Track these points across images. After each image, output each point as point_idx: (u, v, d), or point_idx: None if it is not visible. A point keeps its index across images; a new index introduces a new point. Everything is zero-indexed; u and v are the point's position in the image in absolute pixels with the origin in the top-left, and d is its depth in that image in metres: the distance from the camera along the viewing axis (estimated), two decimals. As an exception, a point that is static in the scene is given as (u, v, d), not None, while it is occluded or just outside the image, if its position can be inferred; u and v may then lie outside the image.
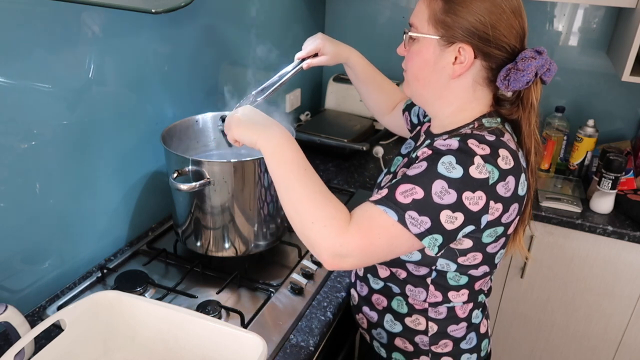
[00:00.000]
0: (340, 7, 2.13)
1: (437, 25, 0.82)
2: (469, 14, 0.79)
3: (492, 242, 0.86)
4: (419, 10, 0.85)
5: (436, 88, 0.87)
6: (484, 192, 0.77)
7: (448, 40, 0.82)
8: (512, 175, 0.79)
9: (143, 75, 1.24)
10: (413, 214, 0.76)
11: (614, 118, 1.88)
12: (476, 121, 0.86)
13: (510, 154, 0.80)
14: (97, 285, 1.16)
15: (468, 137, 0.80)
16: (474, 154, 0.77)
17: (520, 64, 0.81)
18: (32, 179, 1.02)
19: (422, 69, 0.86)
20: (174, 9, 0.88)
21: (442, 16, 0.81)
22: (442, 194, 0.76)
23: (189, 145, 1.29)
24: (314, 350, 1.01)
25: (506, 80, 0.82)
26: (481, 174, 0.76)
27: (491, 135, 0.81)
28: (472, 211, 0.77)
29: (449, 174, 0.76)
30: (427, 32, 0.83)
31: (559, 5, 1.82)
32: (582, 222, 1.56)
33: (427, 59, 0.85)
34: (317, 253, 0.80)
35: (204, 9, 1.39)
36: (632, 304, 1.63)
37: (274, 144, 0.82)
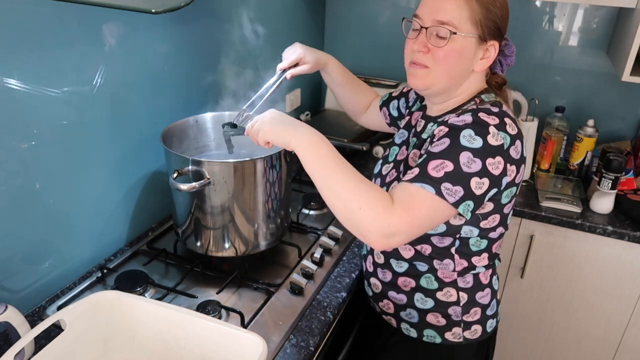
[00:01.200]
0: (340, 7, 2.12)
1: (477, 25, 0.89)
2: (498, 13, 0.90)
3: (508, 203, 0.95)
4: (455, 9, 0.88)
5: (461, 80, 0.95)
6: (502, 157, 0.86)
7: (484, 39, 0.91)
8: (518, 139, 0.89)
9: (143, 75, 1.24)
10: (448, 185, 0.83)
11: (614, 118, 1.88)
12: (477, 97, 0.96)
13: (512, 121, 0.90)
14: (97, 285, 1.16)
15: (477, 111, 0.90)
16: (488, 124, 0.86)
17: (507, 50, 0.97)
18: (32, 179, 1.02)
19: (458, 65, 0.92)
20: (174, 9, 0.88)
21: (482, 17, 0.88)
22: (470, 164, 0.83)
23: (189, 145, 1.29)
24: (314, 350, 1.01)
25: (501, 66, 0.99)
26: (497, 141, 0.85)
27: (494, 107, 0.91)
28: (494, 175, 0.85)
29: (471, 145, 0.84)
30: (469, 31, 0.89)
31: (559, 5, 1.82)
32: (582, 222, 1.56)
33: (465, 55, 0.91)
34: (366, 236, 0.83)
35: (204, 9, 1.39)
36: (632, 304, 1.63)
37: (307, 142, 0.86)
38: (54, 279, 1.11)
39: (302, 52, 1.17)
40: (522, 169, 0.92)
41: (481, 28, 0.89)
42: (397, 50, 2.24)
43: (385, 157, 1.14)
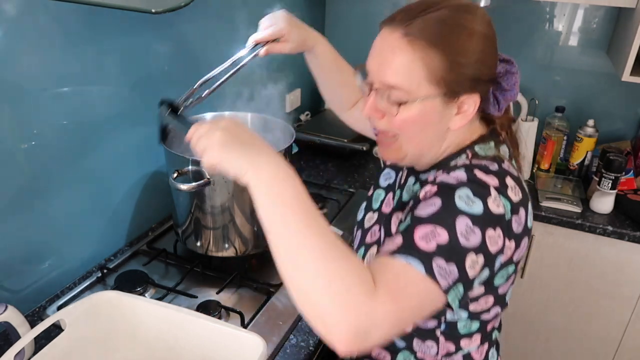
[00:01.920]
0: (340, 7, 2.12)
1: (440, 83, 0.69)
2: (471, 63, 0.70)
3: (504, 283, 0.78)
4: (405, 69, 0.69)
5: (434, 143, 0.77)
6: (502, 229, 0.68)
7: (453, 95, 0.71)
8: (522, 207, 0.72)
9: (143, 75, 1.24)
10: (441, 263, 0.62)
11: (614, 118, 1.88)
12: (468, 150, 0.77)
13: (516, 182, 0.73)
14: (97, 285, 1.16)
15: (471, 167, 0.72)
16: (487, 184, 0.69)
17: (505, 83, 0.75)
18: (32, 179, 1.02)
19: (423, 131, 0.74)
20: (174, 9, 0.88)
21: (443, 72, 0.69)
22: (468, 234, 0.64)
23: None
24: (314, 350, 1.01)
25: (496, 104, 0.76)
26: (499, 208, 0.68)
27: (493, 163, 0.73)
28: (491, 252, 0.67)
29: (470, 209, 0.66)
30: (428, 93, 0.70)
31: (559, 5, 1.82)
32: (582, 222, 1.56)
33: (429, 121, 0.73)
34: (331, 332, 0.57)
35: (204, 9, 1.39)
36: (632, 304, 1.63)
37: (268, 178, 0.61)
38: (54, 279, 1.11)
39: (287, 27, 0.95)
40: (523, 243, 0.74)
41: (445, 86, 0.69)
42: (397, 50, 2.23)
43: (370, 201, 0.96)
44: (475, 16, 0.71)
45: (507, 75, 0.75)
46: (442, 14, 0.69)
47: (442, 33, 0.69)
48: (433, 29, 0.69)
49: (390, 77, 0.70)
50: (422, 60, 0.68)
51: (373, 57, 0.74)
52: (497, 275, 0.74)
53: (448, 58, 0.68)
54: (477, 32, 0.70)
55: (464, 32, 0.69)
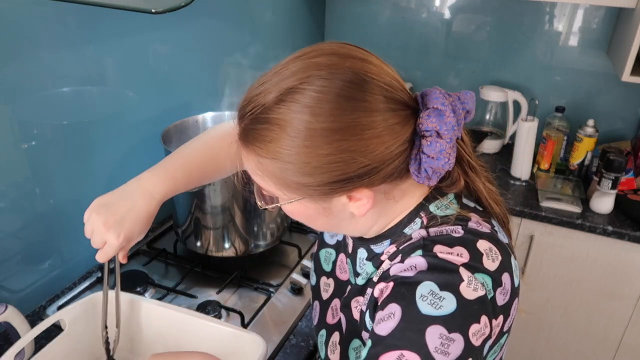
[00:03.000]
0: (340, 7, 2.12)
1: (295, 189, 0.56)
2: (322, 165, 0.53)
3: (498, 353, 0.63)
4: (253, 173, 0.59)
5: (343, 225, 0.63)
6: (486, 315, 0.53)
7: (323, 196, 0.56)
8: (505, 272, 0.58)
9: (143, 75, 1.24)
10: None
11: (614, 118, 1.88)
12: (422, 212, 0.62)
13: (490, 241, 0.58)
14: (97, 285, 1.16)
15: (429, 244, 0.57)
16: (455, 266, 0.54)
17: (427, 148, 0.55)
18: (32, 179, 1.02)
19: (314, 221, 0.62)
20: (174, 9, 0.89)
21: (290, 180, 0.55)
22: (447, 347, 0.50)
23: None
24: (313, 350, 1.01)
25: (423, 172, 0.57)
26: (477, 291, 0.53)
27: (456, 227, 0.59)
28: (480, 347, 0.53)
29: (439, 311, 0.51)
30: (289, 197, 0.58)
31: (559, 5, 1.82)
32: (582, 222, 1.56)
33: (312, 215, 0.60)
34: None
35: (204, 9, 1.39)
36: (632, 304, 1.63)
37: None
38: (54, 279, 1.11)
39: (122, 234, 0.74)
40: (514, 307, 0.59)
41: (305, 190, 0.55)
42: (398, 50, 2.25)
43: (318, 263, 0.81)
44: (303, 101, 0.52)
45: (432, 140, 0.55)
46: (266, 104, 0.54)
47: (265, 137, 0.54)
48: (256, 133, 0.54)
49: (252, 177, 0.60)
50: (260, 169, 0.56)
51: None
52: (487, 355, 0.59)
53: (283, 167, 0.54)
54: (301, 129, 0.52)
55: (282, 130, 0.52)
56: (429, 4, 2.00)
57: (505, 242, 0.62)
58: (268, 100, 0.53)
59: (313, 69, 0.53)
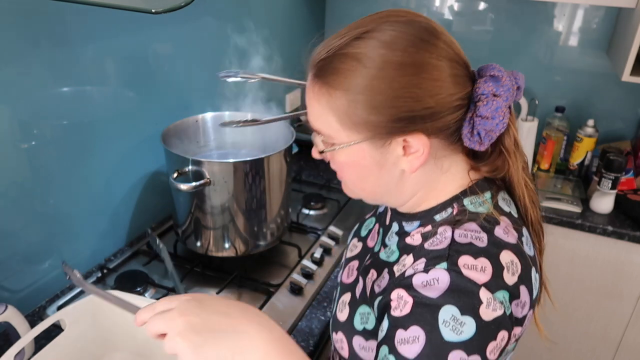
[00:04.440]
0: (340, 7, 2.13)
1: (358, 127, 0.59)
2: (390, 99, 0.56)
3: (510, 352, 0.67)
4: (318, 113, 0.61)
5: (390, 188, 0.66)
6: (505, 330, 0.56)
7: (383, 139, 0.60)
8: (523, 285, 0.59)
9: (143, 75, 1.24)
10: None
11: (614, 118, 1.88)
12: (456, 204, 0.65)
13: (513, 251, 0.60)
14: (97, 286, 1.16)
15: (455, 252, 0.58)
16: (476, 286, 0.55)
17: (483, 109, 0.59)
18: (32, 179, 1.02)
19: (365, 177, 0.65)
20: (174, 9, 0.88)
21: (356, 116, 0.58)
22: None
23: (189, 145, 1.29)
24: (314, 350, 1.01)
25: (476, 135, 0.60)
26: (496, 312, 0.55)
27: (483, 231, 0.60)
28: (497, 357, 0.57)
29: (460, 337, 0.54)
30: (349, 140, 0.60)
31: (559, 5, 1.82)
32: (582, 222, 1.56)
33: (365, 166, 0.63)
34: None
35: (204, 9, 1.39)
36: (632, 304, 1.63)
37: (259, 355, 0.51)
38: (54, 279, 1.11)
39: None
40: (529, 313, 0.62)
41: (366, 130, 0.59)
42: (397, 50, 2.22)
43: (361, 225, 0.87)
44: (382, 38, 0.57)
45: (489, 100, 0.59)
46: (342, 44, 0.58)
47: (338, 70, 0.58)
48: (330, 68, 0.58)
49: (313, 122, 0.64)
50: (328, 105, 0.59)
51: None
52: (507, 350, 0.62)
53: (348, 99, 0.58)
54: (378, 62, 0.56)
55: (360, 64, 0.57)
56: (429, 4, 2.00)
57: (530, 254, 0.63)
58: (345, 39, 0.58)
59: (392, 16, 0.59)
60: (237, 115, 1.09)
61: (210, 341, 0.50)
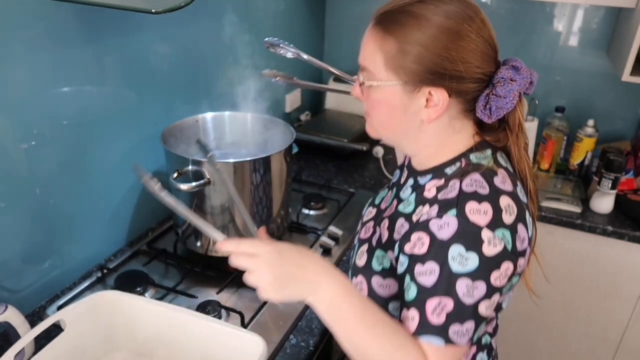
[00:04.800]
0: (340, 7, 2.12)
1: (398, 71, 0.71)
2: (432, 54, 0.69)
3: (507, 292, 0.79)
4: (369, 53, 0.74)
5: (409, 133, 0.78)
6: (508, 261, 0.69)
7: (415, 85, 0.72)
8: (520, 223, 0.72)
9: (143, 75, 1.24)
10: (456, 328, 0.68)
11: (614, 118, 1.88)
12: (463, 158, 0.77)
13: (510, 197, 0.72)
14: (97, 285, 1.16)
15: (463, 199, 0.70)
16: (478, 228, 0.68)
17: (500, 89, 0.71)
18: (32, 179, 1.02)
19: (390, 117, 0.76)
20: (174, 9, 0.88)
21: (402, 61, 0.70)
22: (471, 291, 0.68)
23: (189, 145, 1.29)
24: (314, 350, 1.01)
25: (487, 109, 0.73)
26: (496, 247, 0.68)
27: (484, 180, 0.72)
28: (502, 286, 0.70)
29: (465, 268, 0.67)
30: (387, 79, 0.72)
31: (559, 5, 1.82)
32: (582, 222, 1.56)
33: (393, 106, 0.74)
34: None
35: (204, 9, 1.39)
36: (632, 304, 1.63)
37: (327, 305, 0.68)
38: (54, 279, 1.11)
39: None
40: (527, 252, 0.76)
41: (404, 74, 0.71)
42: (397, 50, 2.21)
43: (375, 197, 0.99)
44: (442, 8, 0.70)
45: (507, 83, 0.71)
46: (407, 3, 0.71)
47: (400, 22, 0.71)
48: (392, 18, 0.71)
49: (362, 59, 0.76)
50: (380, 47, 0.72)
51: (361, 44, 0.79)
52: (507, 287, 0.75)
53: (400, 46, 0.70)
54: (435, 24, 0.69)
55: (419, 22, 0.69)
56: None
57: (524, 201, 0.75)
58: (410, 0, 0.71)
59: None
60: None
61: (290, 287, 0.67)
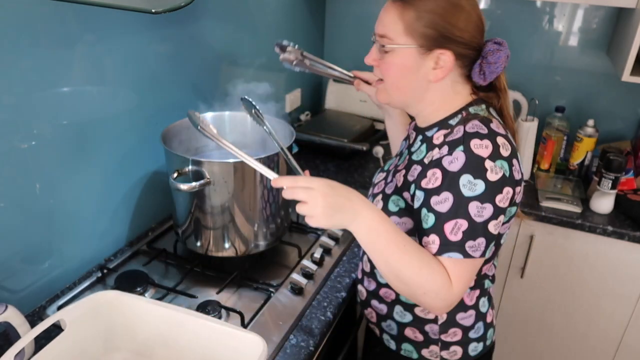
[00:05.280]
0: (340, 7, 2.12)
1: (415, 35, 0.84)
2: (445, 22, 0.83)
3: (505, 223, 0.91)
4: (390, 21, 0.86)
5: (417, 92, 0.91)
6: (508, 186, 0.83)
7: (428, 48, 0.85)
8: (514, 158, 0.86)
9: (143, 75, 1.24)
10: (470, 243, 0.82)
11: (614, 118, 1.87)
12: (463, 111, 0.91)
13: (504, 138, 0.86)
14: (97, 285, 1.16)
15: (467, 138, 0.84)
16: (482, 159, 0.82)
17: (491, 57, 0.86)
18: (32, 179, 1.02)
19: (404, 77, 0.89)
20: (174, 9, 0.88)
21: (418, 27, 0.84)
22: (481, 212, 0.82)
23: (189, 145, 1.29)
24: (314, 350, 1.01)
25: (482, 74, 0.88)
26: (498, 174, 0.82)
27: (483, 124, 0.86)
28: (505, 208, 0.85)
29: (474, 192, 0.81)
30: (405, 43, 0.85)
31: (559, 5, 1.82)
32: (582, 222, 1.56)
33: (408, 67, 0.87)
34: (429, 310, 0.89)
35: (204, 9, 1.39)
36: (632, 304, 1.63)
37: (366, 230, 0.82)
38: (54, 279, 1.11)
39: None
40: (522, 185, 0.90)
41: (420, 38, 0.84)
42: (397, 50, 2.21)
43: (382, 167, 1.12)
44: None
45: (496, 52, 0.86)
46: None
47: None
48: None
49: (380, 28, 0.88)
50: (400, 16, 0.85)
51: (378, 17, 0.90)
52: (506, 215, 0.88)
53: (420, 15, 0.83)
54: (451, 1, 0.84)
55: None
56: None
57: (514, 143, 0.89)
58: None
59: None
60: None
61: (338, 215, 0.80)
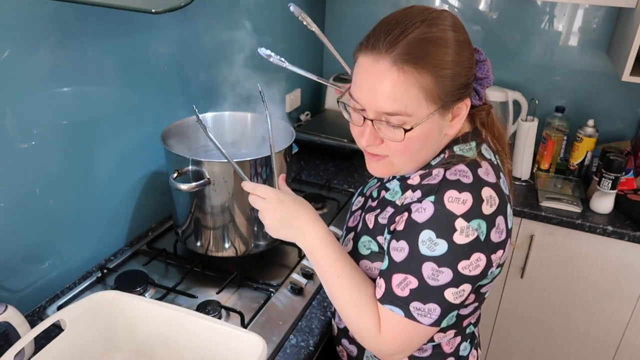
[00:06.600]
0: (340, 7, 2.12)
1: (436, 99, 0.71)
2: (461, 68, 0.72)
3: (488, 283, 0.83)
4: (401, 94, 0.70)
5: (430, 151, 0.79)
6: (480, 252, 0.72)
7: (449, 105, 0.74)
8: (500, 215, 0.74)
9: (143, 75, 1.24)
10: (417, 305, 0.74)
11: (614, 118, 1.88)
12: (447, 150, 0.79)
13: (493, 189, 0.74)
14: (97, 285, 1.16)
15: (444, 187, 0.74)
16: (453, 216, 0.71)
17: (479, 72, 0.78)
18: (32, 179, 1.02)
19: (425, 147, 0.77)
20: (174, 9, 0.88)
21: (438, 88, 0.70)
22: (436, 276, 0.72)
23: (189, 145, 1.29)
24: (314, 350, 1.01)
25: (476, 95, 0.80)
26: (468, 237, 0.71)
27: (467, 173, 0.75)
28: (476, 275, 0.74)
29: (433, 252, 0.72)
30: (430, 113, 0.72)
31: (559, 5, 1.82)
32: (582, 222, 1.56)
33: (430, 135, 0.75)
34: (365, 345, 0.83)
35: (204, 9, 1.39)
36: (632, 304, 1.63)
37: (308, 250, 0.83)
38: (54, 279, 1.11)
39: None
40: (507, 244, 0.78)
41: (440, 100, 0.71)
42: (397, 50, 2.22)
43: (362, 188, 1.03)
44: (446, 24, 0.71)
45: (479, 64, 0.78)
46: (419, 32, 0.69)
47: (427, 52, 0.69)
48: (418, 51, 0.69)
49: (388, 105, 0.71)
50: (416, 84, 0.69)
51: (362, 89, 0.73)
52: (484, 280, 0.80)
53: (436, 74, 0.69)
54: (453, 41, 0.71)
55: (443, 45, 0.70)
56: (429, 4, 2.00)
57: (506, 193, 0.78)
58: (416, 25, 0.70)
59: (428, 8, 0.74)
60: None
61: (283, 229, 0.83)
